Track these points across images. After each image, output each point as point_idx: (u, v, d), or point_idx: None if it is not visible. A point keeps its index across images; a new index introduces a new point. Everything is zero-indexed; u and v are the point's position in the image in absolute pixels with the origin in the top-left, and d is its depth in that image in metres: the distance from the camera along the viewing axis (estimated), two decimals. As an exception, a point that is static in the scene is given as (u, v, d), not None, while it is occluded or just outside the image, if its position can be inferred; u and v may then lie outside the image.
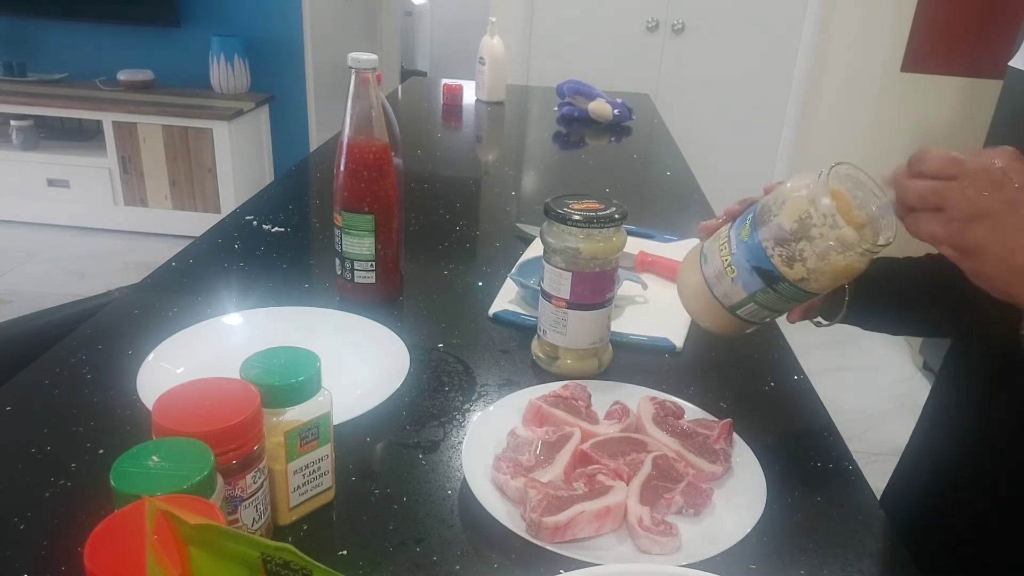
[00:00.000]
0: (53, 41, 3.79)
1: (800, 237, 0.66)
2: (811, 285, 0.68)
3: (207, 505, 0.45)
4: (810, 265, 0.66)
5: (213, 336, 0.88)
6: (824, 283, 0.68)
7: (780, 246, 0.67)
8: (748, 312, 0.73)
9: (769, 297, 0.70)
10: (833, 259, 0.65)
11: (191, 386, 0.56)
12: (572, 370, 0.87)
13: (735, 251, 0.71)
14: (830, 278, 0.67)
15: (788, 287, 0.68)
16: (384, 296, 1.02)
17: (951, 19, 3.53)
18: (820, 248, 0.65)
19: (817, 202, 0.65)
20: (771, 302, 0.71)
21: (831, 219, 0.64)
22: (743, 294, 0.71)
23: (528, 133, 2.27)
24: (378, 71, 0.93)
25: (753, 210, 0.71)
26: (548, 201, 0.83)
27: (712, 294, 0.74)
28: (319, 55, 3.88)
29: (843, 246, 0.65)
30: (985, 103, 3.27)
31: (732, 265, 0.71)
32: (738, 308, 0.73)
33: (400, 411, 0.79)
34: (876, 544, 0.65)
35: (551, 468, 0.68)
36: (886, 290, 0.86)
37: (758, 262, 0.69)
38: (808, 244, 0.65)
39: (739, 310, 0.73)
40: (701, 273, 0.75)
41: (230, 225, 1.27)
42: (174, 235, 3.56)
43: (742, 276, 0.70)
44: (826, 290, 0.69)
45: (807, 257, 0.66)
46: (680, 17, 3.74)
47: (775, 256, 0.67)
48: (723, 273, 0.72)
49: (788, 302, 0.71)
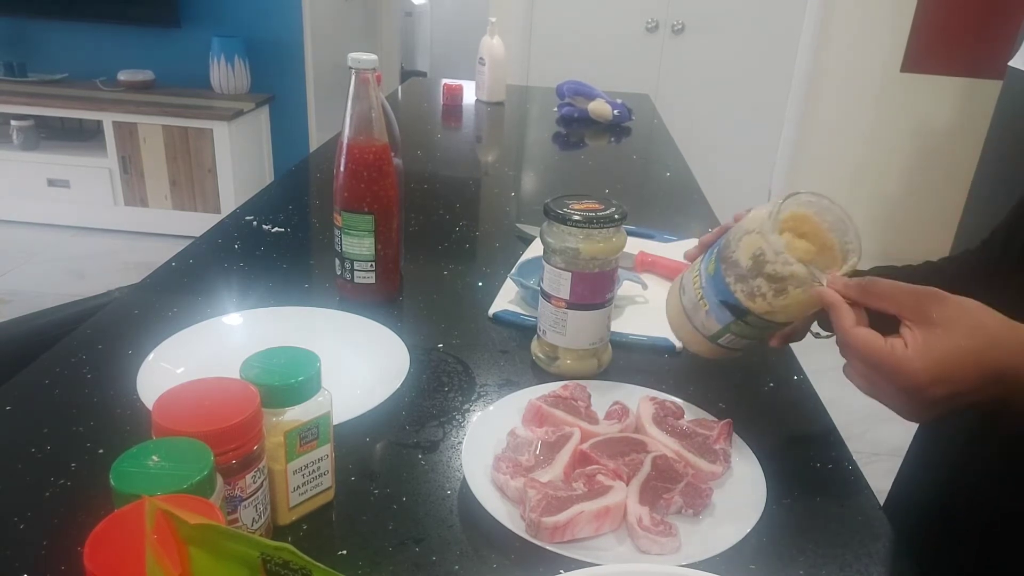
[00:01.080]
0: (53, 41, 3.79)
1: (756, 274, 0.67)
2: (779, 317, 0.69)
3: (207, 505, 0.45)
4: (771, 300, 0.67)
5: (213, 336, 0.88)
6: (792, 313, 0.69)
7: (740, 282, 0.68)
8: (728, 341, 0.74)
9: (743, 328, 0.71)
10: (792, 293, 0.66)
11: (191, 386, 0.56)
12: (572, 370, 0.87)
13: (704, 285, 0.73)
14: (796, 309, 0.68)
15: (757, 319, 0.69)
16: (384, 296, 1.02)
17: (951, 19, 3.53)
18: (777, 284, 0.66)
19: (767, 239, 0.66)
20: (746, 332, 0.72)
21: (782, 256, 0.66)
22: (718, 326, 0.73)
23: (528, 133, 2.27)
24: (378, 71, 0.93)
25: (718, 244, 0.73)
26: (548, 201, 0.83)
27: (692, 324, 0.76)
28: (319, 55, 3.88)
29: (798, 282, 0.66)
30: (985, 103, 3.27)
31: (704, 298, 0.73)
32: (717, 338, 0.74)
33: (400, 411, 0.79)
34: (876, 544, 0.65)
35: (551, 468, 0.68)
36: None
37: (724, 296, 0.70)
38: (764, 281, 0.67)
39: (719, 340, 0.74)
40: (680, 303, 0.77)
41: (230, 225, 1.27)
42: (174, 235, 3.56)
43: (714, 309, 0.72)
44: (799, 318, 0.71)
45: (766, 293, 0.67)
46: (680, 17, 3.74)
47: (738, 292, 0.69)
48: (698, 305, 0.74)
49: (763, 330, 0.72)
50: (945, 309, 0.58)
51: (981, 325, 0.57)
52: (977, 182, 2.87)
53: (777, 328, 0.72)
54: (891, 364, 0.57)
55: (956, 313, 0.58)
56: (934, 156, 3.79)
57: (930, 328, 0.57)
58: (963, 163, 3.49)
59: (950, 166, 3.74)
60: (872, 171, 3.85)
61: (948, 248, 3.05)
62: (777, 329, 0.72)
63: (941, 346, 0.56)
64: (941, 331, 0.57)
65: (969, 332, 0.57)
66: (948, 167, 3.75)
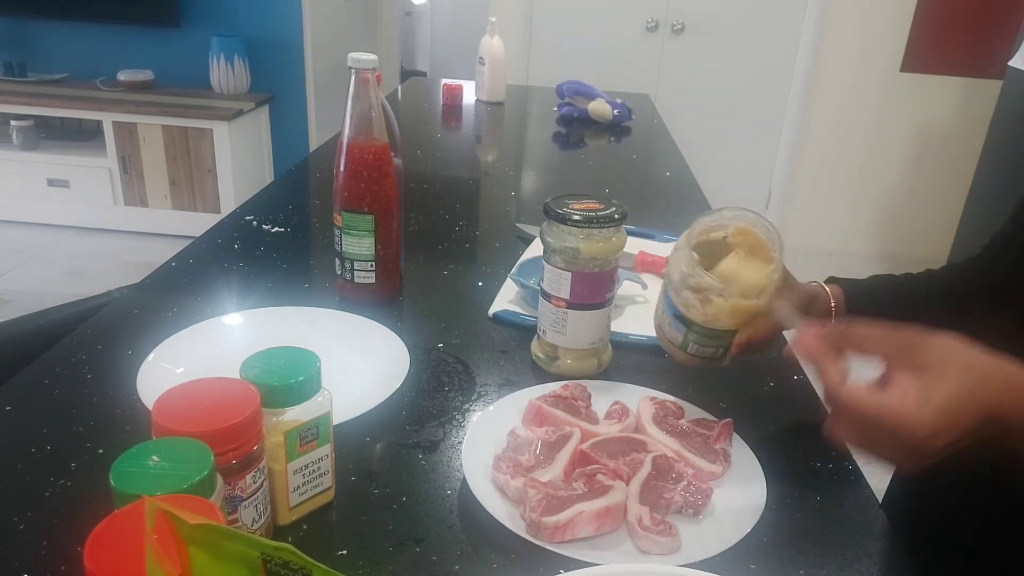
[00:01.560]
0: (53, 41, 3.79)
1: (683, 287, 0.73)
2: (718, 325, 0.73)
3: (207, 505, 0.45)
4: (701, 310, 0.72)
5: (213, 336, 0.88)
6: (727, 322, 0.73)
7: (676, 295, 0.74)
8: (696, 350, 0.77)
9: (698, 337, 0.75)
10: (716, 303, 0.72)
11: (191, 386, 0.56)
12: (572, 370, 0.87)
13: (663, 300, 0.79)
14: (729, 318, 0.72)
15: (700, 328, 0.74)
16: (384, 296, 1.02)
17: (951, 19, 3.53)
18: (700, 295, 0.72)
19: (684, 255, 0.73)
20: (703, 341, 0.76)
21: (695, 270, 0.72)
22: (679, 336, 0.77)
23: (528, 133, 2.27)
24: (378, 71, 0.93)
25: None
26: (548, 201, 0.83)
27: (666, 336, 0.80)
28: (319, 55, 3.88)
29: (716, 291, 0.71)
30: (985, 103, 3.27)
31: (665, 312, 0.79)
32: (685, 347, 0.78)
33: (400, 411, 0.79)
34: (876, 544, 0.65)
35: (551, 468, 0.68)
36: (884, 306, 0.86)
37: (671, 309, 0.76)
38: (690, 293, 0.73)
39: (687, 349, 0.78)
40: (656, 317, 0.82)
41: (230, 225, 1.27)
42: (174, 235, 3.56)
43: (672, 321, 0.77)
44: (741, 326, 0.73)
45: (695, 303, 0.73)
46: (680, 17, 3.74)
47: (677, 303, 0.75)
48: (663, 318, 0.79)
49: (718, 339, 0.75)
50: (931, 352, 0.56)
51: (969, 364, 0.56)
52: (977, 182, 2.87)
53: (729, 337, 0.74)
54: (892, 420, 0.54)
55: (943, 355, 0.56)
56: (934, 156, 3.79)
57: (922, 374, 0.55)
58: (963, 163, 3.49)
59: (950, 166, 3.74)
60: (872, 171, 3.85)
61: (948, 248, 3.05)
62: (728, 338, 0.75)
63: (939, 394, 0.54)
64: (934, 377, 0.55)
65: (961, 373, 0.55)
66: (948, 167, 3.75)
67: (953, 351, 0.56)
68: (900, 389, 0.55)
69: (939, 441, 0.54)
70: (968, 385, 0.55)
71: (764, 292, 0.72)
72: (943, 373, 0.55)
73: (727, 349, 0.77)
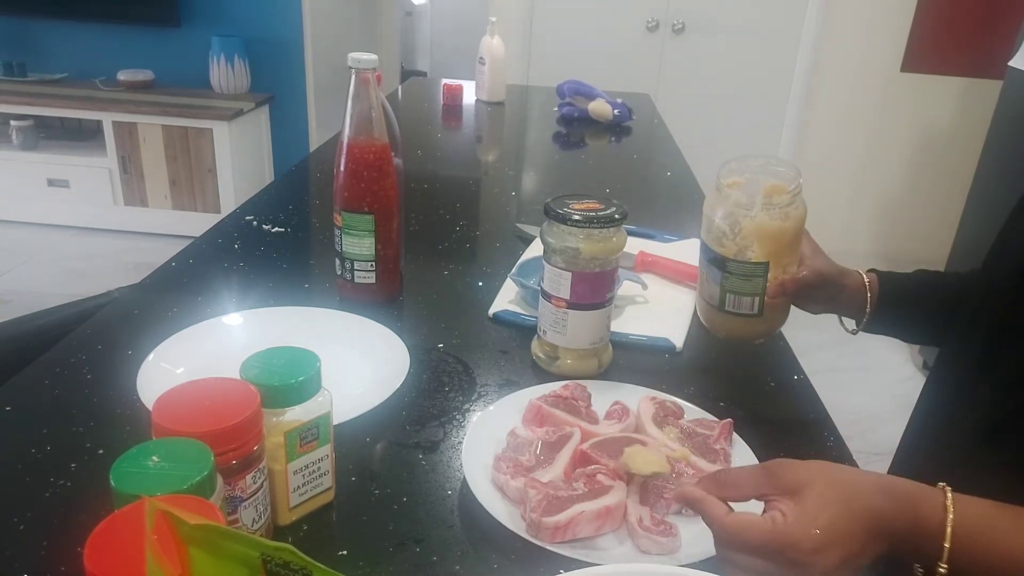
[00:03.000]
0: (53, 41, 3.78)
1: (713, 220, 0.80)
2: (749, 254, 0.79)
3: (207, 505, 0.45)
4: (733, 240, 0.79)
5: (213, 336, 0.88)
6: (759, 250, 0.78)
7: (709, 234, 0.81)
8: (733, 304, 0.82)
9: (732, 281, 0.81)
10: (744, 224, 0.78)
11: (191, 386, 0.56)
12: (572, 370, 0.87)
13: (700, 260, 0.85)
14: (757, 242, 0.78)
15: (735, 265, 0.79)
16: (384, 296, 1.02)
17: (951, 19, 3.53)
18: (729, 221, 0.78)
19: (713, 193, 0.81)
20: (737, 285, 0.81)
21: (723, 193, 0.79)
22: (716, 288, 0.82)
23: (528, 133, 2.27)
24: (378, 71, 0.93)
25: None
26: (548, 201, 0.83)
27: (706, 303, 0.85)
28: (319, 55, 3.88)
29: (740, 208, 0.78)
30: (985, 103, 3.27)
31: (703, 271, 0.84)
32: (723, 304, 0.82)
33: (400, 411, 0.79)
34: (876, 544, 0.65)
35: (551, 468, 0.68)
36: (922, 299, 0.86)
37: (707, 255, 0.82)
38: (721, 221, 0.79)
39: (725, 306, 0.82)
40: (698, 293, 0.88)
41: (230, 225, 1.27)
42: (174, 235, 3.56)
43: (708, 272, 0.83)
44: (771, 256, 0.79)
45: (725, 231, 0.79)
46: (680, 17, 3.73)
47: (711, 243, 0.81)
48: (703, 280, 0.85)
49: (750, 279, 0.80)
50: (797, 472, 0.57)
51: (835, 479, 0.56)
52: (977, 182, 2.87)
53: (760, 271, 0.79)
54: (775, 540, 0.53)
55: (809, 473, 0.56)
56: (934, 156, 3.79)
57: (795, 495, 0.55)
58: (963, 163, 3.49)
59: (950, 166, 3.74)
60: (872, 171, 3.85)
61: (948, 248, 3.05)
62: (761, 273, 0.79)
63: (814, 507, 0.54)
64: (807, 494, 0.55)
65: (829, 484, 0.55)
66: (948, 167, 3.75)
67: (819, 469, 0.57)
68: (778, 511, 0.55)
69: (830, 557, 0.53)
70: (839, 493, 0.55)
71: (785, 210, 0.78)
72: (813, 487, 0.55)
73: (762, 298, 0.80)
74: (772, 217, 0.77)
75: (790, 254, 0.81)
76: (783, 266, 0.80)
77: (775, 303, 0.82)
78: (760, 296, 0.81)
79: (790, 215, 0.78)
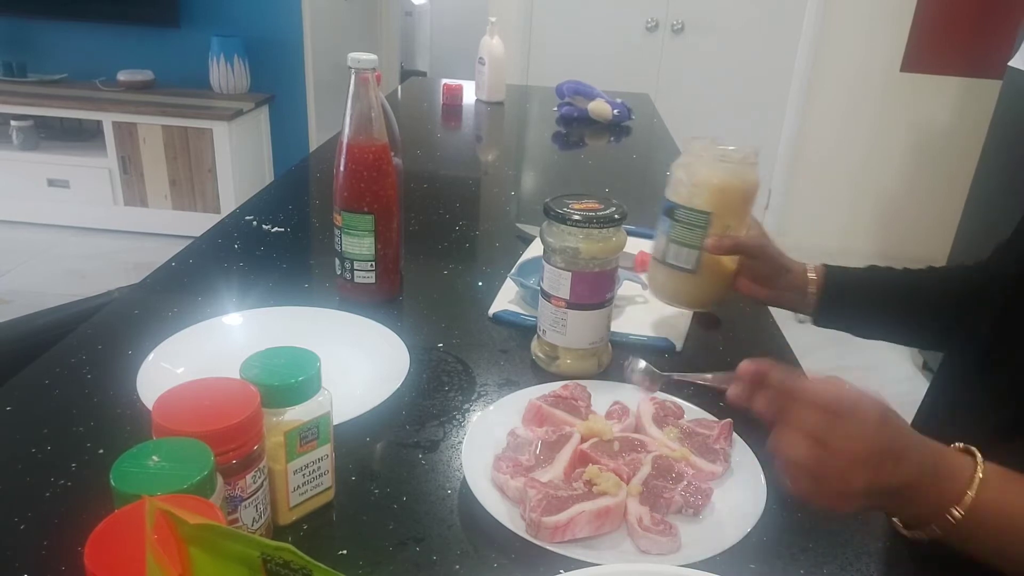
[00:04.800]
0: (53, 41, 3.78)
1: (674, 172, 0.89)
2: (697, 201, 0.86)
3: (207, 505, 0.45)
4: (686, 184, 0.87)
5: (213, 336, 0.88)
6: (707, 198, 0.86)
7: (669, 186, 0.90)
8: (675, 255, 0.89)
9: (677, 230, 0.88)
10: (698, 172, 0.86)
11: (191, 386, 0.56)
12: (572, 370, 0.87)
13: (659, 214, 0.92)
14: (707, 191, 0.86)
15: (683, 212, 0.87)
16: (384, 296, 1.02)
17: (951, 19, 3.53)
18: (687, 170, 0.87)
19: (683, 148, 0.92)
20: (681, 234, 0.88)
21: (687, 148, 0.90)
22: (663, 239, 0.90)
23: (528, 133, 2.27)
24: (378, 71, 0.93)
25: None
26: (548, 201, 0.83)
27: (654, 258, 0.93)
28: (319, 55, 3.88)
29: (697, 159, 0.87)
30: (985, 103, 3.27)
31: (657, 226, 0.92)
32: (666, 255, 0.90)
33: (400, 411, 0.79)
34: (876, 544, 0.65)
35: (551, 468, 0.68)
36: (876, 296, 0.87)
37: (664, 206, 0.90)
38: (679, 170, 0.88)
39: (667, 256, 0.90)
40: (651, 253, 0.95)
41: (230, 225, 1.27)
42: (174, 235, 3.56)
43: (660, 225, 0.90)
44: (716, 208, 0.86)
45: (681, 179, 0.88)
46: (680, 17, 3.74)
47: (668, 194, 0.89)
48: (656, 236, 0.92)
49: (692, 228, 0.87)
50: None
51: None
52: (977, 182, 2.87)
53: (703, 220, 0.86)
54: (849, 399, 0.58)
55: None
56: (934, 156, 3.79)
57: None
58: (963, 163, 3.49)
59: (950, 166, 3.74)
60: (872, 171, 3.85)
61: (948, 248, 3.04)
62: (703, 223, 0.86)
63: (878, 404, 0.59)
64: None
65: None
66: (948, 167, 3.75)
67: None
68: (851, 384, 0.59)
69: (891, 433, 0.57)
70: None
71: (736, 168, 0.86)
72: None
73: (700, 254, 0.88)
74: (724, 171, 0.86)
75: (734, 216, 0.88)
76: (724, 226, 0.87)
77: (712, 268, 0.88)
78: (698, 251, 0.88)
79: (740, 175, 0.86)
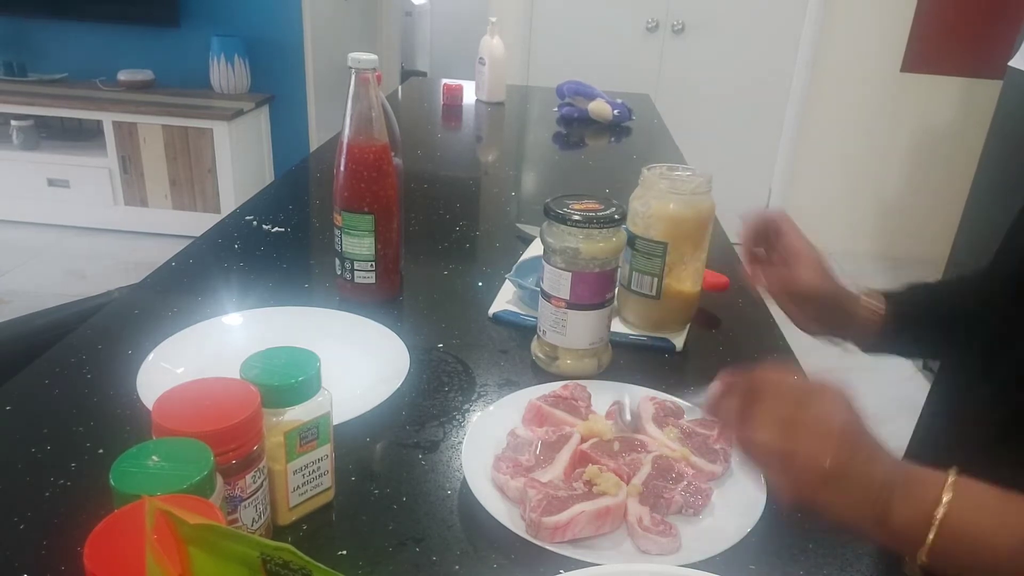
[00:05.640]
0: (53, 41, 3.78)
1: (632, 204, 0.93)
2: (652, 232, 0.91)
3: (207, 505, 0.45)
4: (642, 216, 0.91)
5: (213, 336, 0.88)
6: (661, 229, 0.91)
7: (628, 217, 0.91)
8: (637, 282, 0.95)
9: (637, 259, 0.94)
10: (653, 205, 0.91)
11: (191, 386, 0.56)
12: (572, 370, 0.87)
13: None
14: (661, 222, 0.90)
15: (641, 242, 0.92)
16: (384, 296, 1.02)
17: (951, 19, 3.53)
18: (643, 202, 0.92)
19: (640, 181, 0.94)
20: (641, 263, 0.94)
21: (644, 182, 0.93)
22: (626, 267, 0.94)
23: (528, 133, 2.27)
24: (378, 71, 0.93)
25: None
26: (548, 201, 0.83)
27: (620, 284, 0.96)
28: (319, 55, 3.88)
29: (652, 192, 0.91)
30: (985, 103, 3.27)
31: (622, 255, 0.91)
32: (630, 283, 0.95)
33: (400, 411, 0.79)
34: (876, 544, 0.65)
35: (551, 468, 0.68)
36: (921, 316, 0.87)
37: (627, 237, 0.90)
38: (637, 203, 0.92)
39: (631, 284, 0.95)
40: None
41: (230, 225, 1.27)
42: (174, 235, 3.56)
43: (624, 254, 0.91)
44: (670, 239, 0.91)
45: (638, 211, 0.92)
46: (680, 17, 3.74)
47: (629, 224, 0.93)
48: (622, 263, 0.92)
49: (650, 257, 0.93)
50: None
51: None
52: (977, 182, 2.87)
53: (659, 250, 0.91)
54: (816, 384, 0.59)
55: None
56: (934, 156, 3.79)
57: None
58: (963, 163, 3.49)
59: (950, 166, 3.74)
60: (872, 171, 3.85)
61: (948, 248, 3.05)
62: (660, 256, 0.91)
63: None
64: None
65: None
66: (948, 167, 3.75)
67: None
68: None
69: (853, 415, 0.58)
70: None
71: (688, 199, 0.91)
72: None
73: (660, 281, 0.93)
74: (676, 202, 0.90)
75: (689, 244, 0.92)
76: (681, 253, 0.92)
77: (674, 294, 0.94)
78: (658, 278, 0.93)
79: (693, 205, 0.91)
